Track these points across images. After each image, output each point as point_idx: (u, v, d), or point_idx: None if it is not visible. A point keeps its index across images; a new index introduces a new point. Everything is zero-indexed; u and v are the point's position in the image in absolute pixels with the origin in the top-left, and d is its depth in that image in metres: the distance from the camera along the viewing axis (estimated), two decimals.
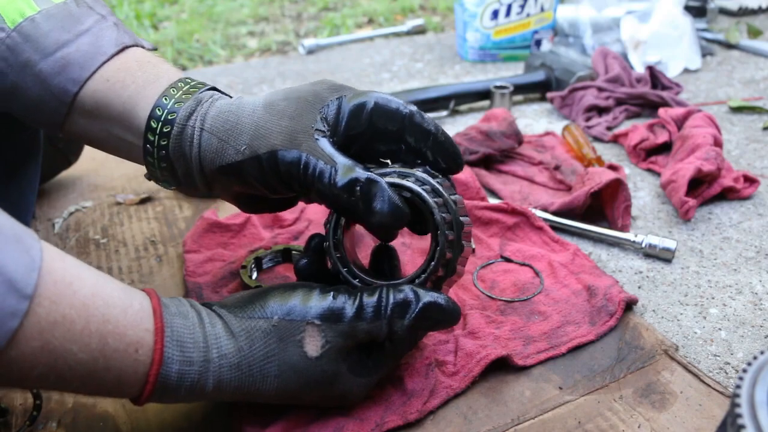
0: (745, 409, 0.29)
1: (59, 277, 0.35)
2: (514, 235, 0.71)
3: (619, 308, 0.58)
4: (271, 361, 0.42)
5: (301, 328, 0.43)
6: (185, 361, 0.40)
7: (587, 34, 1.33)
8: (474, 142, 0.86)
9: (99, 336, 0.36)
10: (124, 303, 0.39)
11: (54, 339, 0.35)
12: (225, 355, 0.41)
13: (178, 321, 0.41)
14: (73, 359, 0.36)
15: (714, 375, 0.53)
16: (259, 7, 1.96)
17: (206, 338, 0.41)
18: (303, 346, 0.43)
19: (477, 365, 0.51)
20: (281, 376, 0.43)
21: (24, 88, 0.49)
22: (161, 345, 0.39)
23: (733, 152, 0.94)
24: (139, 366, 0.39)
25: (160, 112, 0.48)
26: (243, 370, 0.42)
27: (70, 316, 0.35)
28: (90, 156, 0.91)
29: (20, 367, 0.34)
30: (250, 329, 0.43)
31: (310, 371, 0.43)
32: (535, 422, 0.48)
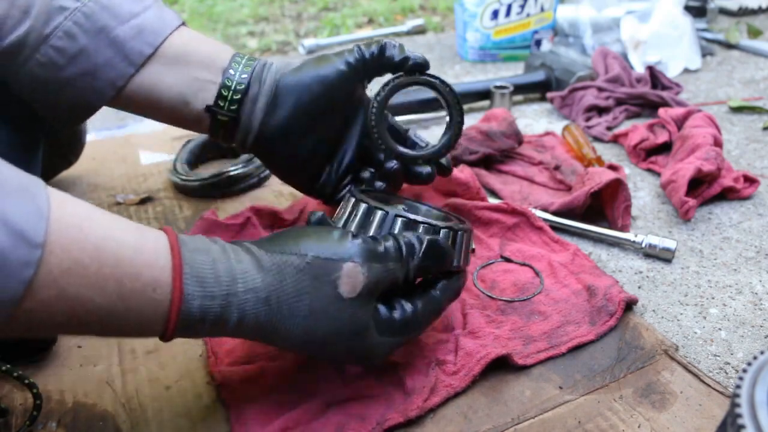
0: (745, 409, 0.29)
1: (69, 222, 0.35)
2: (514, 235, 0.71)
3: (619, 308, 0.58)
4: (302, 299, 0.42)
5: (338, 267, 0.42)
6: (207, 296, 0.39)
7: (587, 34, 1.33)
8: (474, 142, 0.86)
9: (114, 279, 0.36)
10: (137, 243, 0.38)
11: (69, 286, 0.34)
12: (252, 289, 0.41)
13: (198, 257, 0.40)
14: (90, 304, 0.36)
15: (714, 375, 0.53)
16: (259, 7, 1.96)
17: (232, 272, 0.40)
18: (338, 287, 0.42)
19: (477, 364, 0.51)
20: (310, 317, 0.42)
21: (93, 51, 0.54)
22: (180, 283, 0.38)
23: (733, 152, 0.94)
24: (159, 305, 0.38)
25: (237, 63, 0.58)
26: (272, 305, 0.41)
27: (82, 261, 0.35)
28: (90, 156, 0.91)
29: (40, 317, 0.34)
30: (282, 264, 0.42)
31: (341, 315, 0.43)
32: (535, 422, 0.48)
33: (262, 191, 0.84)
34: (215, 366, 0.53)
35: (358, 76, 0.59)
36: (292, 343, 0.43)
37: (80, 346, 0.57)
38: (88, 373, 0.54)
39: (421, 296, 0.48)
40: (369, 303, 0.44)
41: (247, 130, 0.59)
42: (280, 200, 0.81)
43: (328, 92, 0.58)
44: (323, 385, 0.50)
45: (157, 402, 0.51)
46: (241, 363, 0.53)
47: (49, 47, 0.53)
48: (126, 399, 0.51)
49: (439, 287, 0.49)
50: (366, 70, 0.60)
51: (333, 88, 0.58)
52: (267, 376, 0.51)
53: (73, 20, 0.53)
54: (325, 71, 0.58)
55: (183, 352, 0.56)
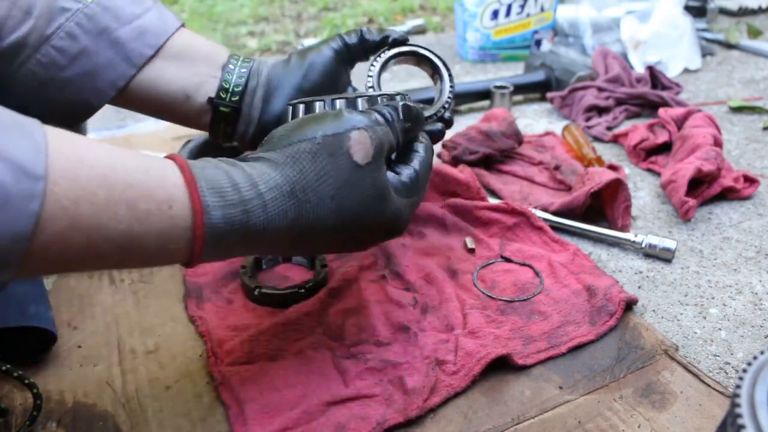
0: (745, 409, 0.29)
1: (70, 153, 0.35)
2: (514, 235, 0.71)
3: (619, 308, 0.58)
4: (326, 180, 0.42)
5: (348, 137, 0.43)
6: (228, 204, 0.39)
7: (587, 34, 1.33)
8: (474, 142, 0.86)
9: (125, 202, 0.36)
10: (143, 166, 0.38)
11: (80, 215, 0.34)
12: (275, 186, 0.41)
13: (210, 171, 0.40)
14: (106, 231, 0.35)
15: (714, 375, 0.53)
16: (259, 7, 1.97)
17: (249, 178, 0.41)
18: (352, 156, 0.43)
19: (477, 364, 0.51)
20: (337, 195, 0.43)
21: (95, 52, 0.55)
22: (197, 195, 0.38)
23: (733, 152, 0.94)
24: (178, 221, 0.38)
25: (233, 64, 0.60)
26: (298, 197, 0.41)
27: (90, 188, 0.35)
28: None
29: (57, 251, 0.34)
30: (296, 154, 0.42)
31: (363, 182, 0.43)
32: (535, 422, 0.48)
33: None
34: (215, 366, 0.53)
35: (343, 60, 0.63)
36: (324, 231, 0.43)
37: (80, 346, 0.57)
38: (88, 373, 0.54)
39: (413, 156, 0.50)
40: (382, 166, 0.45)
41: (248, 122, 0.60)
42: None
43: (318, 76, 0.61)
44: (323, 385, 0.50)
45: (157, 402, 0.51)
46: (241, 363, 0.53)
47: (50, 47, 0.53)
48: (126, 399, 0.51)
49: (421, 147, 0.51)
50: (350, 54, 0.63)
51: (323, 72, 0.61)
52: (267, 376, 0.51)
53: (75, 21, 0.54)
54: (314, 58, 0.61)
55: (183, 352, 0.56)
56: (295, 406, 0.48)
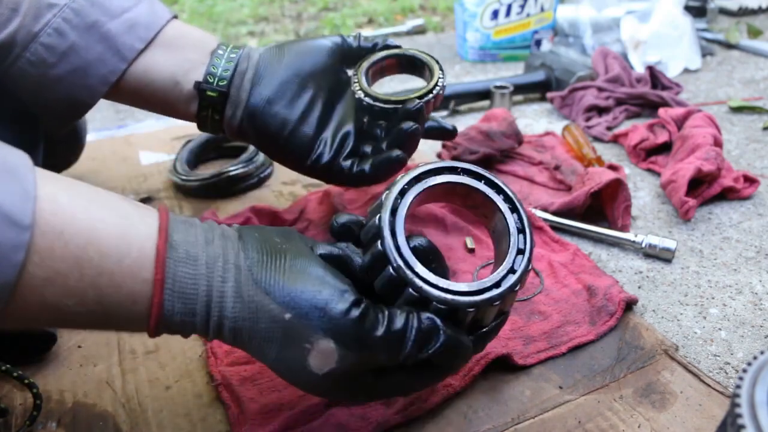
0: (745, 409, 0.29)
1: (52, 224, 0.34)
2: None
3: (619, 308, 0.58)
4: (271, 347, 0.38)
5: (313, 338, 0.38)
6: (188, 312, 0.38)
7: (587, 34, 1.33)
8: (474, 142, 0.86)
9: (94, 289, 0.35)
10: (120, 251, 0.36)
11: (50, 295, 0.34)
12: (226, 316, 0.38)
13: (183, 269, 0.37)
14: (70, 311, 0.36)
15: (714, 375, 0.53)
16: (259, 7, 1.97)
17: (209, 293, 0.38)
18: (307, 358, 0.38)
19: (477, 364, 0.51)
20: (275, 365, 0.40)
21: (84, 47, 0.54)
22: (160, 299, 0.37)
23: (733, 152, 0.94)
24: (140, 316, 0.38)
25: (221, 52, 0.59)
26: (243, 336, 0.39)
27: (62, 270, 0.34)
28: (90, 156, 0.91)
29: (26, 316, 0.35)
30: (260, 307, 0.38)
31: (308, 380, 0.39)
32: (535, 421, 0.48)
33: (262, 191, 0.84)
34: (215, 366, 0.53)
35: (340, 58, 0.63)
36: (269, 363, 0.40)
37: (80, 346, 0.57)
38: (88, 373, 0.54)
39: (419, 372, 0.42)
40: (339, 385, 0.40)
41: (236, 104, 0.59)
42: (280, 200, 0.81)
43: (311, 60, 0.61)
44: None
45: (157, 402, 0.51)
46: (241, 363, 0.53)
47: (38, 45, 0.53)
48: (126, 399, 0.51)
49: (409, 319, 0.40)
50: (347, 53, 0.63)
51: (317, 56, 0.61)
52: (267, 376, 0.51)
53: (62, 17, 0.53)
54: (310, 45, 0.61)
55: (183, 352, 0.56)
56: (294, 406, 0.48)
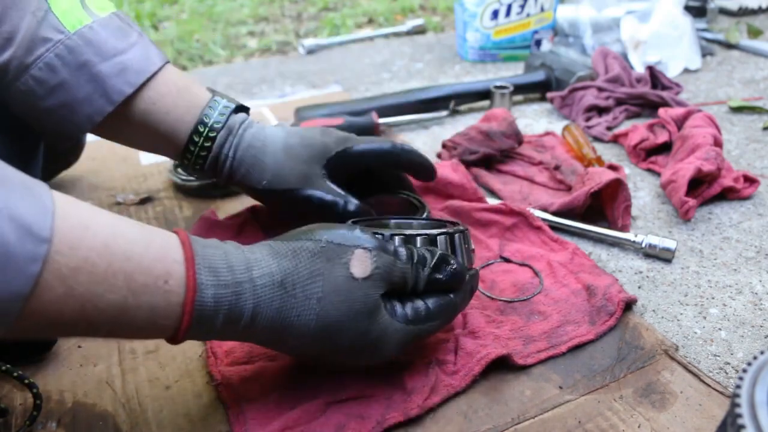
0: (745, 409, 0.29)
1: (75, 222, 0.35)
2: (513, 235, 0.71)
3: (619, 308, 0.58)
4: (317, 280, 0.42)
5: (350, 251, 0.44)
6: (220, 284, 0.39)
7: (587, 34, 1.33)
8: (474, 142, 0.86)
9: (124, 274, 0.36)
10: (146, 239, 0.38)
11: (78, 285, 0.34)
12: (268, 273, 0.41)
13: (210, 250, 0.41)
14: (101, 301, 0.35)
15: (714, 375, 0.53)
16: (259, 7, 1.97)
17: (246, 261, 0.41)
18: (350, 268, 0.43)
19: (477, 364, 0.51)
20: (324, 299, 0.42)
21: (73, 85, 0.54)
22: (193, 272, 0.39)
23: (733, 152, 0.94)
24: (172, 297, 0.38)
25: (197, 138, 0.60)
26: (287, 289, 0.42)
27: (91, 258, 0.35)
28: (90, 156, 0.91)
29: (48, 316, 0.34)
30: (297, 249, 0.43)
31: (353, 294, 0.43)
32: (535, 421, 0.48)
33: None
34: (215, 366, 0.53)
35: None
36: (305, 333, 0.43)
37: (80, 346, 0.57)
38: (88, 373, 0.54)
39: (433, 296, 0.48)
40: (379, 288, 0.44)
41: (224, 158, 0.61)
42: None
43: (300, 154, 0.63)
44: (323, 384, 0.50)
45: (157, 402, 0.51)
46: (240, 363, 0.53)
47: (29, 77, 0.53)
48: (126, 399, 0.51)
49: (450, 297, 0.49)
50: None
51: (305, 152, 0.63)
52: (266, 376, 0.51)
53: (55, 53, 0.53)
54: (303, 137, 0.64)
55: (183, 352, 0.56)
56: (294, 406, 0.48)
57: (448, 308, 0.48)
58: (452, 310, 0.49)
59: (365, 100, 1.06)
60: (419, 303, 0.47)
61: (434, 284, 0.47)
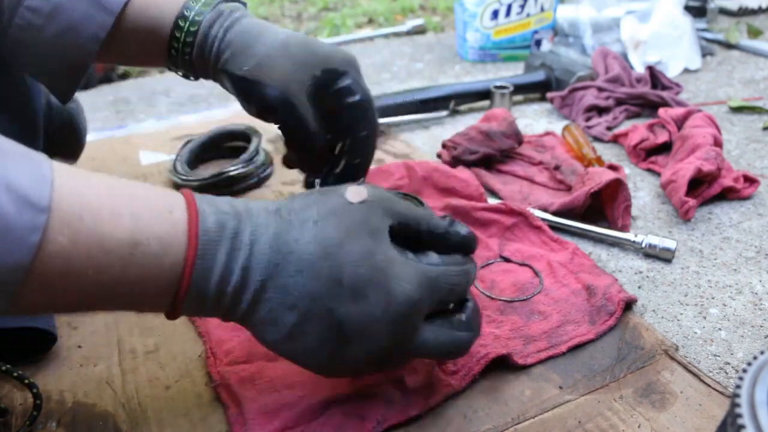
0: (745, 409, 0.29)
1: (77, 175, 0.36)
2: (513, 235, 0.71)
3: (619, 307, 0.58)
4: (311, 207, 0.42)
5: (344, 187, 0.44)
6: (221, 211, 0.40)
7: (587, 34, 1.33)
8: (474, 142, 0.86)
9: (130, 211, 0.36)
10: (147, 185, 0.40)
11: (84, 228, 0.34)
12: (264, 207, 0.42)
13: (210, 196, 0.42)
14: (109, 241, 0.35)
15: (714, 375, 0.53)
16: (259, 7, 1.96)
17: (246, 201, 0.43)
18: (344, 195, 0.43)
19: (477, 364, 0.51)
20: (321, 221, 0.41)
21: (68, 7, 0.53)
22: (194, 204, 0.40)
23: (733, 152, 0.94)
24: (178, 226, 0.38)
25: (183, 23, 0.56)
26: (282, 216, 0.42)
27: (95, 203, 0.35)
28: (90, 156, 0.91)
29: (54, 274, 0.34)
30: (291, 195, 0.45)
31: (351, 214, 0.42)
32: (535, 421, 0.48)
33: (262, 191, 0.84)
34: (214, 366, 0.53)
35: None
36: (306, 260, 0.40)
37: (80, 346, 0.57)
38: (88, 373, 0.54)
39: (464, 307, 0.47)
40: (380, 214, 0.43)
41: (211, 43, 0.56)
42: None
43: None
44: (322, 384, 0.50)
45: (157, 402, 0.51)
46: (240, 362, 0.53)
47: (24, 9, 0.53)
48: (126, 399, 0.51)
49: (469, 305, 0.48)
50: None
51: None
52: (266, 375, 0.51)
53: None
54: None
55: (183, 352, 0.56)
56: (294, 406, 0.48)
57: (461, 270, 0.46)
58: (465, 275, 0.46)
59: None
60: (432, 254, 0.45)
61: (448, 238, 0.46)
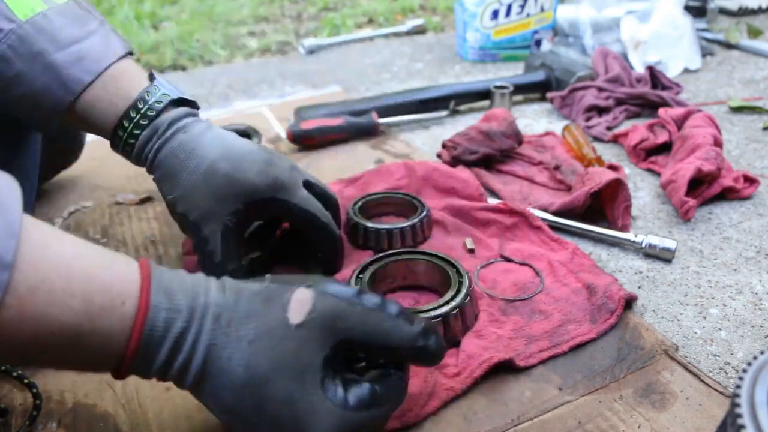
0: (745, 409, 0.29)
1: (38, 239, 0.34)
2: (513, 234, 0.71)
3: (620, 306, 0.58)
4: (250, 321, 0.39)
5: (290, 290, 0.41)
6: (173, 308, 0.38)
7: (587, 34, 1.33)
8: (474, 142, 0.86)
9: (82, 295, 0.35)
10: (107, 260, 0.37)
11: (33, 305, 0.33)
12: (210, 303, 0.39)
13: (167, 274, 0.40)
14: (55, 324, 0.34)
15: (714, 375, 0.53)
16: (259, 7, 1.97)
17: (196, 288, 0.40)
18: (287, 311, 0.40)
19: (479, 368, 0.51)
20: (255, 343, 0.39)
21: (30, 77, 0.52)
22: (147, 293, 0.37)
23: (733, 152, 0.94)
24: (126, 319, 0.37)
25: (121, 133, 0.56)
26: (221, 326, 0.39)
27: (50, 278, 0.34)
28: (90, 156, 0.91)
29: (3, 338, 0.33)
30: (241, 288, 0.41)
31: (284, 342, 0.39)
32: (535, 422, 0.48)
33: None
34: None
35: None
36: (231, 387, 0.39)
37: None
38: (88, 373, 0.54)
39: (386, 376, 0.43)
40: (318, 340, 0.40)
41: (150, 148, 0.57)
42: None
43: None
44: None
45: (157, 402, 0.51)
46: None
47: None
48: (126, 399, 0.51)
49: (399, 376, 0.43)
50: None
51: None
52: None
53: (7, 43, 0.51)
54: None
55: None
56: None
57: (398, 391, 0.43)
58: (401, 394, 0.43)
59: (365, 100, 1.07)
60: (365, 386, 0.41)
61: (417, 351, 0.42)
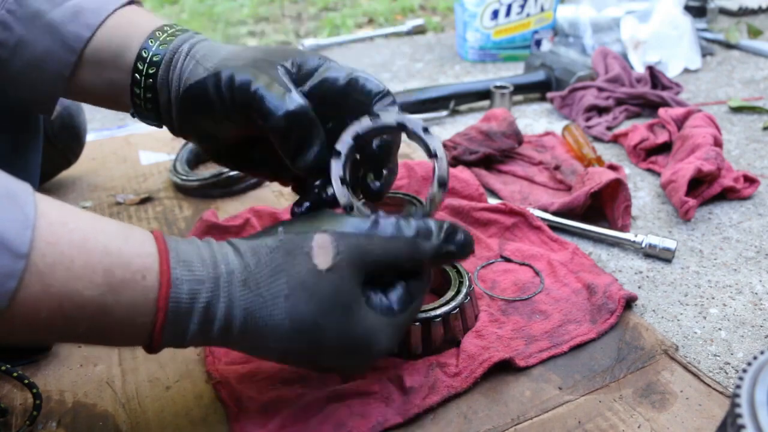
0: (745, 409, 0.29)
1: (54, 219, 0.35)
2: (513, 235, 0.71)
3: (620, 305, 0.58)
4: (280, 277, 0.40)
5: (309, 238, 0.40)
6: (195, 279, 0.38)
7: (587, 34, 1.33)
8: (474, 142, 0.86)
9: (102, 269, 0.35)
10: (124, 234, 0.38)
11: (55, 281, 0.34)
12: (233, 271, 0.40)
13: (183, 245, 0.40)
14: (79, 298, 0.35)
15: (714, 375, 0.53)
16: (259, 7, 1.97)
17: (214, 256, 0.40)
18: (312, 258, 0.40)
19: (480, 367, 0.51)
20: (291, 296, 0.39)
21: (31, 41, 0.50)
22: (167, 266, 0.38)
23: (733, 152, 0.94)
24: (149, 292, 0.37)
25: (147, 52, 0.50)
26: (251, 288, 0.39)
27: (68, 253, 0.34)
28: (90, 156, 0.91)
29: (25, 317, 0.34)
30: (256, 246, 0.41)
31: (321, 287, 0.40)
32: (535, 422, 0.48)
33: (262, 191, 0.84)
34: (213, 365, 0.53)
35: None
36: (280, 336, 0.40)
37: (80, 346, 0.57)
38: (88, 373, 0.54)
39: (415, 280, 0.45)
40: (352, 276, 0.41)
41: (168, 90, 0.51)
42: (280, 200, 0.81)
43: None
44: (321, 382, 0.50)
45: (157, 402, 0.51)
46: (238, 362, 0.53)
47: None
48: (126, 399, 0.51)
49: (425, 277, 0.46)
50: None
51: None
52: (265, 374, 0.51)
53: (5, 8, 0.50)
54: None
55: (183, 352, 0.56)
56: (293, 404, 0.48)
57: (426, 280, 0.46)
58: (427, 283, 0.46)
59: None
60: (398, 287, 0.44)
61: (444, 257, 0.44)
